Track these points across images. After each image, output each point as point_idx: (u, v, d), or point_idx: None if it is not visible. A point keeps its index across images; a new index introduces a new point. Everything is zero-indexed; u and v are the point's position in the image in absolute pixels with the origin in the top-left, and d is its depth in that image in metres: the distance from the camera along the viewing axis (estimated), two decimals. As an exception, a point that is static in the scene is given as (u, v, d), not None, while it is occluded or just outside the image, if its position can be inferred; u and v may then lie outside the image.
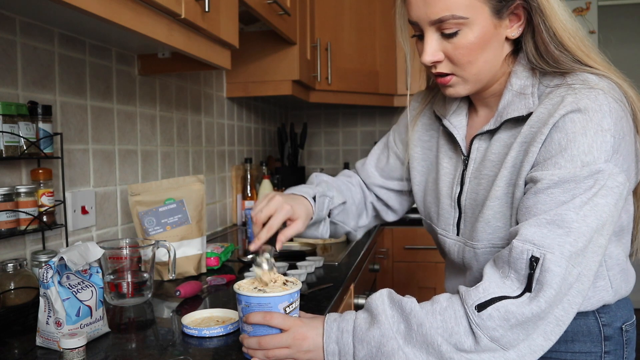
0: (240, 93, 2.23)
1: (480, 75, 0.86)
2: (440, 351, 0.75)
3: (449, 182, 0.98)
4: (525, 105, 0.84)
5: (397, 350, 0.76)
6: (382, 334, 0.77)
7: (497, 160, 0.88)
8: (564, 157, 0.76)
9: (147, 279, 1.15)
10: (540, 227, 0.75)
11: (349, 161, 3.25)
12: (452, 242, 0.98)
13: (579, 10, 2.90)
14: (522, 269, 0.75)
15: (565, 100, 0.78)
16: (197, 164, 1.99)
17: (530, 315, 0.73)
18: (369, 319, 0.81)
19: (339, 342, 0.80)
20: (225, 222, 2.25)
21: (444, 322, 0.76)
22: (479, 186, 0.91)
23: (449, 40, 0.83)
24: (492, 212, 0.86)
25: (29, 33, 1.15)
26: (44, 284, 0.85)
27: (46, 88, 1.21)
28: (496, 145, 0.89)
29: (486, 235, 0.88)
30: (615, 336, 0.90)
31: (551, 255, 0.73)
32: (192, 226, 1.36)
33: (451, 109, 0.98)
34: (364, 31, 2.64)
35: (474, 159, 0.93)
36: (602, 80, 0.81)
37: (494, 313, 0.74)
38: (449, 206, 0.97)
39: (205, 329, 0.91)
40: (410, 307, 0.78)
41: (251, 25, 2.07)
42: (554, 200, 0.76)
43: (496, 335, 0.74)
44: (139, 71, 1.57)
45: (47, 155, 1.13)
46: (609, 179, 0.75)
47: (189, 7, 1.14)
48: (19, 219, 1.08)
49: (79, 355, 0.79)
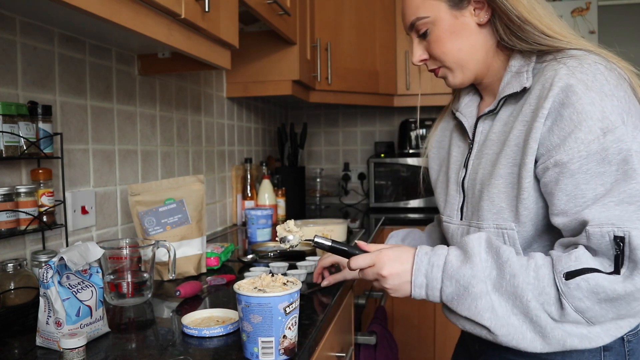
0: (240, 93, 2.23)
1: (461, 61, 0.94)
2: (527, 307, 0.75)
3: (457, 168, 1.01)
4: (519, 82, 0.88)
5: (485, 295, 0.77)
6: (473, 275, 0.79)
7: (498, 139, 0.91)
8: (582, 131, 0.76)
9: (147, 279, 1.15)
10: (609, 209, 0.74)
11: (349, 161, 3.25)
12: (455, 227, 0.98)
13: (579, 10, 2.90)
14: (609, 250, 0.73)
15: (559, 73, 0.80)
16: (197, 164, 1.99)
17: (623, 294, 0.71)
18: (462, 257, 0.82)
19: (428, 276, 0.82)
20: (225, 222, 2.25)
21: (537, 279, 0.76)
22: (479, 166, 0.94)
23: (425, 39, 0.95)
24: (496, 191, 0.87)
25: (29, 33, 1.15)
26: (44, 284, 0.85)
27: (46, 88, 1.21)
28: (498, 125, 0.93)
29: (491, 215, 0.88)
30: (615, 347, 0.86)
31: (637, 232, 0.71)
32: (192, 226, 1.36)
33: (463, 101, 1.04)
34: (364, 31, 2.64)
35: (477, 141, 0.97)
36: (589, 54, 0.83)
37: (582, 284, 0.73)
38: (455, 191, 1.00)
39: (205, 329, 0.91)
40: (507, 257, 0.78)
41: (251, 25, 2.07)
42: (593, 175, 0.75)
43: (582, 307, 0.74)
44: (139, 71, 1.57)
45: (47, 155, 1.13)
46: (633, 142, 0.75)
47: (189, 7, 1.14)
48: (19, 219, 1.08)
49: (79, 355, 0.79)
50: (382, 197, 2.79)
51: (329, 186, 3.24)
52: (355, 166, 3.24)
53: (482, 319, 0.78)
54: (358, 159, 3.27)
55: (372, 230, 2.14)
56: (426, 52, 0.96)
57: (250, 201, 2.29)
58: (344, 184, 3.19)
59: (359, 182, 3.20)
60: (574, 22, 2.70)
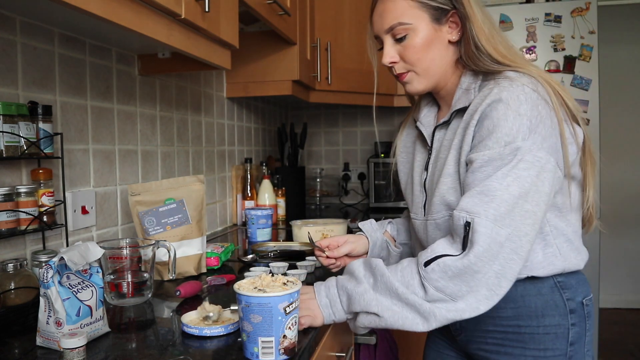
0: (240, 93, 2.23)
1: (430, 70, 1.05)
2: (399, 294, 0.92)
3: (420, 171, 1.15)
4: (468, 98, 1.02)
5: (368, 291, 0.94)
6: (357, 283, 0.96)
7: (449, 145, 1.05)
8: (491, 140, 0.92)
9: (147, 278, 1.15)
10: (472, 198, 0.91)
11: (349, 161, 3.25)
12: (419, 222, 1.12)
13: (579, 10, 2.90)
14: (461, 234, 0.91)
15: (491, 92, 0.95)
16: (197, 164, 1.99)
17: (462, 267, 0.88)
18: (347, 275, 1.00)
19: (328, 295, 0.99)
20: (225, 222, 2.25)
21: (402, 276, 0.93)
22: (436, 169, 1.08)
23: (401, 43, 1.04)
24: (445, 188, 1.02)
25: (29, 33, 1.15)
26: (44, 284, 0.85)
27: (46, 88, 1.21)
28: (449, 133, 1.06)
29: (442, 207, 1.03)
30: (578, 309, 1.02)
31: (478, 219, 0.88)
32: (192, 226, 1.36)
33: (423, 112, 1.16)
34: (364, 31, 2.63)
35: (435, 147, 1.11)
36: (522, 76, 0.97)
37: (435, 267, 0.90)
38: (419, 192, 1.13)
39: (206, 328, 0.91)
40: (376, 264, 0.96)
41: (251, 25, 2.08)
42: (485, 176, 0.91)
43: (439, 286, 0.89)
44: (139, 71, 1.57)
45: (47, 155, 1.13)
46: (527, 154, 0.90)
47: (189, 7, 1.14)
48: (19, 219, 1.08)
49: (79, 355, 0.79)
50: (382, 197, 2.79)
51: (329, 186, 3.24)
52: (355, 166, 3.24)
53: (370, 308, 0.93)
54: (358, 159, 3.27)
55: (372, 230, 2.14)
56: (398, 55, 1.05)
57: (250, 201, 2.29)
58: (344, 184, 3.19)
59: (359, 182, 3.20)
60: (573, 22, 2.70)
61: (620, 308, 4.04)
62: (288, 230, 2.11)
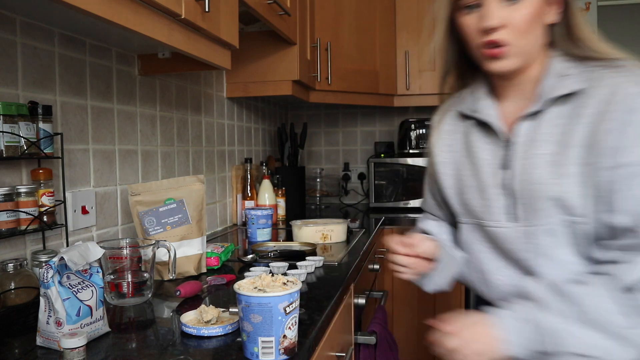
0: (240, 93, 2.23)
1: (528, 48, 0.91)
2: (614, 327, 0.81)
3: (492, 171, 0.99)
4: (566, 85, 0.90)
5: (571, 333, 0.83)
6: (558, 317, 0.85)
7: (553, 139, 0.91)
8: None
9: (147, 278, 1.15)
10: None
11: (349, 161, 3.25)
12: (508, 230, 0.97)
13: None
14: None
15: (619, 80, 0.85)
16: (197, 164, 1.99)
17: None
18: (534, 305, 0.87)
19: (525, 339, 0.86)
20: (225, 222, 2.25)
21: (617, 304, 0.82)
22: (533, 166, 0.93)
23: (512, 6, 0.88)
24: (561, 189, 0.89)
25: (29, 33, 1.15)
26: (44, 284, 0.85)
27: (46, 88, 1.21)
28: (546, 125, 0.92)
29: (555, 212, 0.90)
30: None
31: None
32: (192, 226, 1.36)
33: (481, 104, 1.02)
34: (364, 31, 2.64)
35: (521, 141, 0.95)
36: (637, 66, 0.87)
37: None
38: (496, 194, 0.98)
39: (205, 328, 0.91)
40: (568, 289, 0.86)
41: (251, 25, 2.07)
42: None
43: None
44: (139, 71, 1.57)
45: (47, 155, 1.13)
46: None
47: (189, 7, 1.14)
48: (19, 218, 1.08)
49: (79, 355, 0.79)
50: (382, 197, 2.79)
51: (329, 186, 3.24)
52: (355, 166, 3.24)
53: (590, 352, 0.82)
54: (358, 159, 3.26)
55: (372, 230, 2.15)
56: (503, 20, 0.89)
57: (250, 201, 2.29)
58: (344, 184, 3.19)
59: (359, 182, 3.20)
60: (574, 22, 2.71)
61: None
62: (288, 230, 2.11)
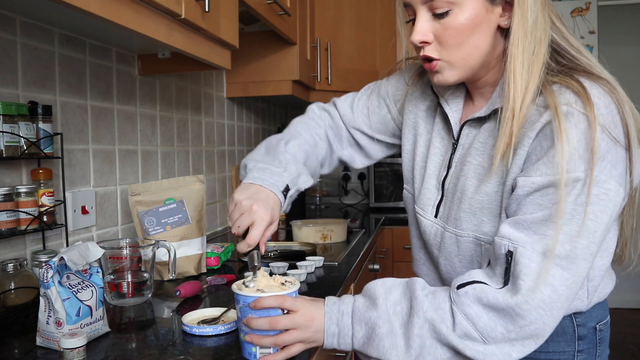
0: (240, 93, 2.23)
1: (468, 60, 0.83)
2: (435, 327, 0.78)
3: (438, 163, 0.97)
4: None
5: (390, 334, 0.79)
6: (378, 316, 0.80)
7: (483, 149, 0.87)
8: (548, 163, 0.75)
9: (147, 278, 1.15)
10: (511, 225, 0.78)
11: (349, 161, 3.25)
12: (429, 222, 0.96)
13: (579, 10, 2.90)
14: (502, 263, 0.77)
15: (556, 104, 0.76)
16: (197, 164, 1.99)
17: (504, 305, 0.75)
18: (367, 302, 0.83)
19: (339, 324, 0.83)
20: (225, 222, 2.25)
21: (434, 299, 0.80)
22: (461, 172, 0.90)
23: (440, 20, 0.81)
24: (478, 206, 0.86)
25: (29, 33, 1.15)
26: (44, 284, 0.85)
27: (46, 88, 1.21)
28: (483, 134, 0.88)
29: (471, 226, 0.87)
30: (589, 335, 0.90)
31: (522, 249, 0.76)
32: (192, 226, 1.37)
33: (449, 89, 0.95)
34: (364, 31, 2.65)
35: (462, 144, 0.92)
36: (593, 86, 0.77)
37: (470, 290, 0.77)
38: (433, 187, 0.96)
39: (205, 328, 0.91)
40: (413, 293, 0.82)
41: (251, 25, 2.07)
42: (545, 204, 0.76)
43: (471, 313, 0.76)
44: (139, 71, 1.57)
45: (47, 155, 1.13)
46: (594, 185, 0.73)
47: (189, 7, 1.14)
48: (19, 219, 1.08)
49: (79, 355, 0.80)
50: (382, 197, 2.79)
51: (329, 186, 3.24)
52: (355, 166, 3.24)
53: (389, 357, 0.79)
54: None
55: (372, 230, 2.15)
56: (432, 34, 0.83)
57: (250, 201, 2.28)
58: (344, 184, 3.19)
59: (359, 182, 3.20)
60: (573, 22, 2.70)
61: (620, 308, 4.04)
62: (288, 230, 2.11)
